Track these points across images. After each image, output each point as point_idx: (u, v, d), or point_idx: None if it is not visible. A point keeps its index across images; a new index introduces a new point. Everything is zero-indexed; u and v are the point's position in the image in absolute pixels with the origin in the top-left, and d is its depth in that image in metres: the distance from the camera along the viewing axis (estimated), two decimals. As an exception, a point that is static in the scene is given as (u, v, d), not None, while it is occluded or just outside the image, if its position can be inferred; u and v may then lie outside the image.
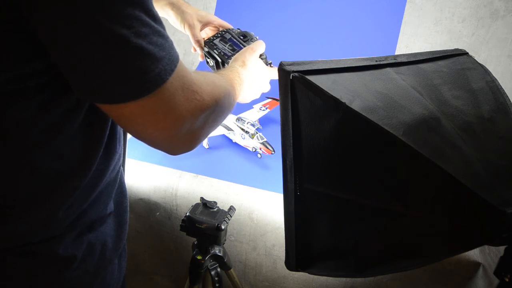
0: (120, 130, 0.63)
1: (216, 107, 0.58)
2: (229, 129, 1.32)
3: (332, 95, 0.54)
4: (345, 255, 0.64)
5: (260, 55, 0.91)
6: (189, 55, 1.77)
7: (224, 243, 1.08)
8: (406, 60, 0.67)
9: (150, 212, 1.27)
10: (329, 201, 0.62)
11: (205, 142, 1.34)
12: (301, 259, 0.68)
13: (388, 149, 0.54)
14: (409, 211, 0.55)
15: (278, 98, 0.60)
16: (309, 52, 1.66)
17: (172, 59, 0.49)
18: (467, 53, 0.75)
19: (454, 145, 0.55)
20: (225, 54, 0.97)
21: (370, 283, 1.14)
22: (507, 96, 0.66)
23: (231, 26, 1.06)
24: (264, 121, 1.42)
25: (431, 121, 0.56)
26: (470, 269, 1.04)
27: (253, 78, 0.85)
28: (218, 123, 0.65)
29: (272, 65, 0.95)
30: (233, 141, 1.33)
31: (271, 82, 0.93)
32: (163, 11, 1.02)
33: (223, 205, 1.08)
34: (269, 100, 1.47)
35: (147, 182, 1.24)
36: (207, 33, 1.06)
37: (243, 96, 0.84)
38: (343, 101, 0.53)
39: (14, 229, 0.54)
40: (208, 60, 1.02)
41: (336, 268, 0.68)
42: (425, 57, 0.70)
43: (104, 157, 0.59)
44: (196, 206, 1.05)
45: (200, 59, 1.05)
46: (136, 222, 1.30)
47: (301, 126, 0.59)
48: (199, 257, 1.05)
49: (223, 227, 1.00)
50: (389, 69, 0.64)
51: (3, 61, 0.45)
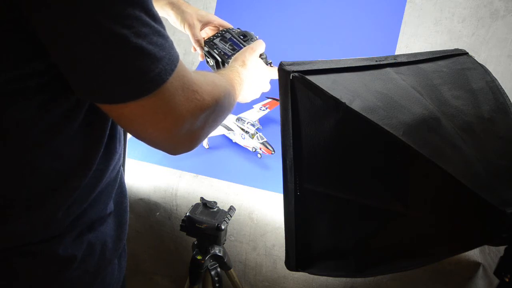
0: (120, 130, 0.63)
1: (216, 107, 0.58)
2: (229, 129, 1.32)
3: (332, 95, 0.54)
4: (345, 255, 0.64)
5: (260, 55, 0.90)
6: (189, 55, 1.76)
7: (224, 243, 1.07)
8: (406, 60, 0.67)
9: (150, 212, 1.27)
10: (329, 201, 0.62)
11: (205, 142, 1.34)
12: (301, 259, 0.68)
13: (388, 149, 0.54)
14: (409, 211, 0.55)
15: (278, 98, 0.60)
16: (309, 52, 1.66)
17: (172, 59, 0.49)
18: (467, 53, 0.75)
19: (454, 145, 0.55)
20: (225, 54, 0.97)
21: (370, 283, 1.14)
22: (507, 96, 0.66)
23: (231, 26, 1.06)
24: (264, 121, 1.42)
25: (431, 121, 0.56)
26: (470, 269, 1.04)
27: (253, 78, 0.85)
28: (218, 123, 0.65)
29: (272, 65, 0.95)
30: (233, 141, 1.33)
31: (271, 82, 0.93)
32: (163, 11, 1.02)
33: (223, 205, 1.08)
34: (269, 100, 1.47)
35: (147, 182, 1.24)
36: (207, 33, 1.06)
37: (243, 96, 0.84)
38: (343, 101, 0.53)
39: (14, 229, 0.54)
40: (208, 60, 1.02)
41: (336, 268, 0.68)
42: (425, 57, 0.70)
43: (104, 157, 0.59)
44: (196, 206, 1.05)
45: (200, 59, 1.05)
46: (136, 222, 1.30)
47: (301, 126, 0.59)
48: (199, 257, 1.05)
49: (223, 227, 1.00)
50: (389, 69, 0.64)
51: (3, 61, 0.44)
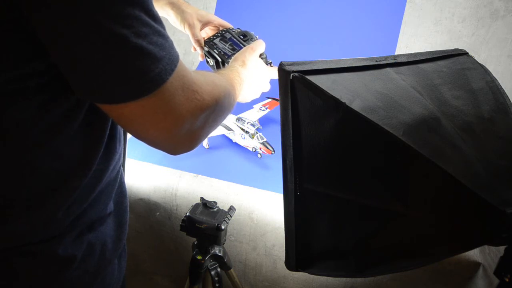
0: (120, 130, 0.63)
1: (216, 107, 0.58)
2: (229, 129, 1.32)
3: (332, 95, 0.54)
4: (345, 255, 0.64)
5: (260, 55, 0.90)
6: (189, 55, 1.76)
7: (224, 243, 1.07)
8: (406, 60, 0.67)
9: (150, 212, 1.27)
10: (329, 201, 0.62)
11: (205, 142, 1.34)
12: (301, 259, 0.68)
13: (388, 149, 0.54)
14: (409, 211, 0.55)
15: (278, 98, 0.60)
16: (309, 52, 1.66)
17: (172, 59, 0.49)
18: (467, 53, 0.75)
19: (454, 145, 0.55)
20: (225, 54, 0.97)
21: (370, 283, 1.14)
22: (507, 96, 0.66)
23: (231, 26, 1.05)
24: (264, 121, 1.42)
25: (431, 121, 0.56)
26: (470, 269, 1.04)
27: (253, 78, 0.85)
28: (218, 123, 0.65)
29: (272, 65, 0.95)
30: (233, 141, 1.33)
31: (271, 82, 0.93)
32: (163, 11, 1.02)
33: (223, 205, 1.08)
34: (269, 100, 1.47)
35: (147, 182, 1.24)
36: (207, 33, 1.06)
37: (243, 96, 0.84)
38: (343, 101, 0.53)
39: (14, 229, 0.53)
40: (208, 60, 1.02)
41: (336, 268, 0.68)
42: (425, 57, 0.70)
43: (104, 157, 0.59)
44: (196, 206, 1.05)
45: (200, 59, 1.05)
46: (136, 222, 1.30)
47: (301, 126, 0.59)
48: (199, 257, 1.05)
49: (223, 227, 1.00)
50: (389, 69, 0.64)
51: (3, 61, 0.44)
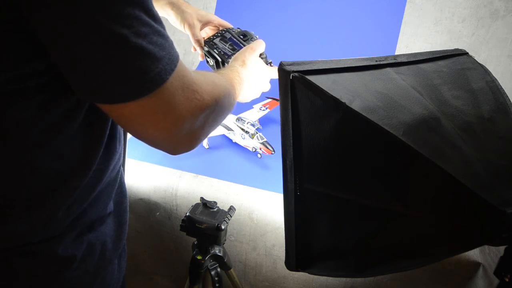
0: (120, 130, 0.63)
1: (216, 107, 0.58)
2: (229, 129, 1.32)
3: (332, 95, 0.54)
4: (345, 255, 0.64)
5: (260, 55, 0.90)
6: (189, 55, 1.76)
7: (224, 243, 1.07)
8: (406, 60, 0.67)
9: (150, 212, 1.27)
10: (329, 201, 0.62)
11: (205, 142, 1.34)
12: (301, 259, 0.68)
13: (388, 149, 0.54)
14: (409, 211, 0.55)
15: (278, 98, 0.60)
16: (309, 52, 1.66)
17: (172, 59, 0.49)
18: (467, 53, 0.75)
19: (454, 145, 0.55)
20: (225, 54, 0.97)
21: (370, 283, 1.14)
22: (507, 96, 0.66)
23: (231, 26, 1.05)
24: (264, 121, 1.42)
25: (431, 121, 0.56)
26: (470, 269, 1.04)
27: (253, 78, 0.85)
28: (218, 123, 0.65)
29: (272, 65, 0.95)
30: (233, 141, 1.33)
31: (271, 82, 0.93)
32: (163, 11, 1.01)
33: (223, 205, 1.08)
34: (269, 100, 1.47)
35: (147, 182, 1.24)
36: (207, 33, 1.06)
37: (243, 96, 0.84)
38: (343, 101, 0.53)
39: (14, 229, 0.53)
40: (208, 60, 1.02)
41: (336, 268, 0.68)
42: (425, 57, 0.70)
43: (104, 157, 0.59)
44: (196, 206, 1.05)
45: (200, 59, 1.05)
46: (136, 222, 1.30)
47: (301, 126, 0.59)
48: (199, 257, 1.05)
49: (223, 227, 1.00)
50: (389, 69, 0.64)
51: (3, 61, 0.44)
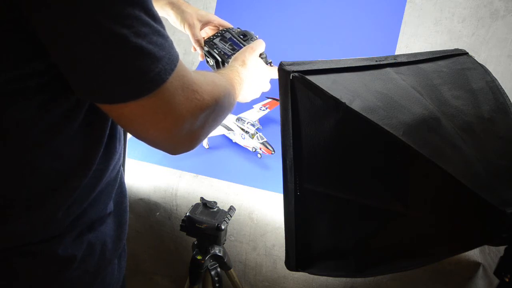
0: (120, 130, 0.63)
1: (216, 107, 0.58)
2: (229, 129, 1.32)
3: (332, 95, 0.54)
4: (345, 255, 0.64)
5: (260, 54, 0.90)
6: (189, 55, 1.76)
7: (224, 243, 1.07)
8: (406, 60, 0.67)
9: (150, 212, 1.27)
10: (329, 201, 0.62)
11: (205, 142, 1.34)
12: (301, 259, 0.68)
13: (388, 149, 0.54)
14: (409, 211, 0.55)
15: (278, 98, 0.60)
16: (309, 52, 1.66)
17: (172, 59, 0.49)
18: (467, 53, 0.75)
19: (454, 145, 0.55)
20: (225, 54, 0.97)
21: (370, 283, 1.14)
22: (507, 96, 0.66)
23: (231, 26, 1.05)
24: (264, 121, 1.42)
25: (431, 121, 0.56)
26: (470, 269, 1.04)
27: (253, 77, 0.85)
28: (218, 123, 0.65)
29: (272, 64, 0.95)
30: (233, 141, 1.33)
31: (271, 82, 0.93)
32: (163, 11, 1.01)
33: (223, 205, 1.08)
34: (269, 100, 1.47)
35: (147, 182, 1.24)
36: (207, 33, 1.06)
37: (243, 96, 0.84)
38: (343, 101, 0.53)
39: (14, 229, 0.53)
40: (208, 60, 1.02)
41: (336, 268, 0.68)
42: (425, 57, 0.70)
43: (104, 157, 0.59)
44: (196, 206, 1.05)
45: (200, 59, 1.05)
46: (136, 222, 1.30)
47: (301, 126, 0.59)
48: (199, 257, 1.05)
49: (223, 227, 1.00)
50: (389, 69, 0.64)
51: (3, 61, 0.44)
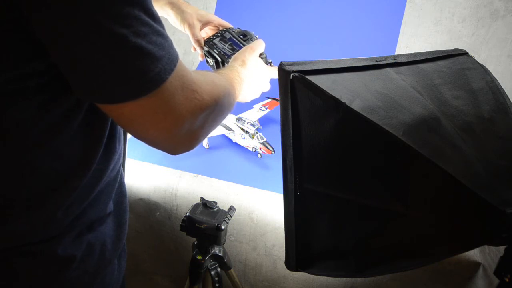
0: (120, 130, 0.63)
1: (216, 107, 0.58)
2: (229, 129, 1.32)
3: (332, 95, 0.54)
4: (345, 255, 0.64)
5: (260, 54, 0.90)
6: (189, 55, 1.76)
7: (224, 243, 1.07)
8: (406, 60, 0.67)
9: (150, 212, 1.27)
10: (329, 201, 0.62)
11: (205, 142, 1.34)
12: (301, 259, 0.68)
13: (388, 149, 0.54)
14: (409, 211, 0.55)
15: (278, 98, 0.60)
16: (309, 52, 1.66)
17: (172, 59, 0.49)
18: (467, 53, 0.75)
19: (454, 145, 0.55)
20: (225, 54, 0.97)
21: (370, 283, 1.14)
22: (507, 96, 0.65)
23: (231, 26, 1.05)
24: (264, 121, 1.42)
25: (431, 121, 0.56)
26: (470, 269, 1.04)
27: (253, 77, 0.85)
28: (218, 123, 0.65)
29: (272, 64, 0.95)
30: (233, 141, 1.33)
31: (271, 82, 0.93)
32: (163, 11, 1.01)
33: (223, 205, 1.08)
34: (269, 100, 1.47)
35: (147, 182, 1.24)
36: (207, 33, 1.06)
37: (243, 96, 0.84)
38: (343, 101, 0.53)
39: (14, 229, 0.54)
40: (208, 60, 1.02)
41: (336, 268, 0.68)
42: (425, 57, 0.70)
43: (104, 157, 0.59)
44: (196, 206, 1.05)
45: (200, 59, 1.05)
46: (136, 222, 1.30)
47: (301, 126, 0.59)
48: (199, 257, 1.05)
49: (223, 227, 1.00)
50: (389, 69, 0.64)
51: (3, 61, 0.44)
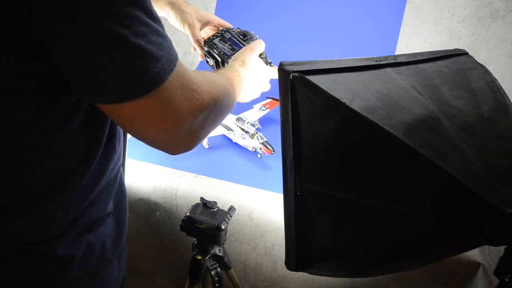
0: (120, 130, 0.63)
1: (216, 107, 0.58)
2: (229, 129, 1.32)
3: (332, 95, 0.54)
4: (345, 255, 0.64)
5: (260, 54, 0.90)
6: (189, 55, 1.76)
7: (224, 243, 1.07)
8: (406, 60, 0.67)
9: (150, 212, 1.27)
10: (329, 201, 0.62)
11: (205, 142, 1.34)
12: (301, 259, 0.68)
13: (388, 149, 0.54)
14: (409, 211, 0.55)
15: (278, 98, 0.60)
16: (309, 52, 1.66)
17: (171, 59, 0.49)
18: (467, 53, 0.75)
19: (454, 145, 0.55)
20: (225, 54, 0.97)
21: (370, 283, 1.14)
22: (507, 96, 0.65)
23: (231, 26, 1.05)
24: (264, 121, 1.42)
25: (431, 121, 0.56)
26: (470, 269, 1.04)
27: (253, 78, 0.85)
28: (218, 123, 0.65)
29: (272, 64, 0.95)
30: (233, 141, 1.33)
31: (271, 82, 0.93)
32: (163, 11, 1.01)
33: (223, 205, 1.08)
34: (269, 100, 1.47)
35: (147, 182, 1.24)
36: (207, 33, 1.06)
37: (243, 96, 0.84)
38: (343, 101, 0.53)
39: (14, 229, 0.54)
40: (208, 60, 1.02)
41: (336, 268, 0.68)
42: (425, 57, 0.70)
43: (104, 157, 0.59)
44: (196, 206, 1.05)
45: (200, 59, 1.05)
46: (136, 222, 1.30)
47: (301, 126, 0.59)
48: (199, 257, 1.05)
49: (223, 227, 1.00)
50: (389, 69, 0.64)
51: (3, 61, 0.44)
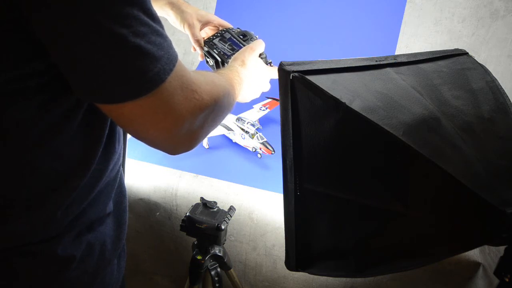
0: (120, 130, 0.63)
1: (216, 107, 0.58)
2: (229, 129, 1.32)
3: (332, 95, 0.54)
4: (345, 255, 0.64)
5: (260, 54, 0.90)
6: (189, 55, 1.76)
7: (224, 243, 1.07)
8: (406, 60, 0.67)
9: (150, 212, 1.27)
10: (329, 201, 0.62)
11: (205, 142, 1.34)
12: (301, 259, 0.68)
13: (388, 149, 0.54)
14: (409, 211, 0.55)
15: (278, 98, 0.60)
16: (309, 52, 1.66)
17: (171, 59, 0.49)
18: (467, 53, 0.75)
19: (454, 145, 0.55)
20: (225, 54, 0.97)
21: (370, 283, 1.14)
22: (507, 96, 0.66)
23: (231, 26, 1.06)
24: (264, 121, 1.42)
25: (431, 121, 0.56)
26: (470, 269, 1.04)
27: (253, 78, 0.85)
28: (218, 123, 0.65)
29: (272, 64, 0.95)
30: (233, 141, 1.33)
31: (271, 82, 0.93)
32: (163, 11, 1.01)
33: (223, 205, 1.08)
34: (269, 100, 1.47)
35: (147, 182, 1.24)
36: (207, 33, 1.06)
37: (243, 96, 0.84)
38: (343, 101, 0.53)
39: (14, 229, 0.54)
40: (208, 60, 1.02)
41: (336, 268, 0.68)
42: (425, 57, 0.70)
43: (103, 157, 0.59)
44: (196, 206, 1.05)
45: (200, 59, 1.05)
46: (136, 222, 1.30)
47: (301, 126, 0.59)
48: (199, 257, 1.05)
49: (223, 227, 1.00)
50: (389, 69, 0.64)
51: (3, 61, 0.45)
